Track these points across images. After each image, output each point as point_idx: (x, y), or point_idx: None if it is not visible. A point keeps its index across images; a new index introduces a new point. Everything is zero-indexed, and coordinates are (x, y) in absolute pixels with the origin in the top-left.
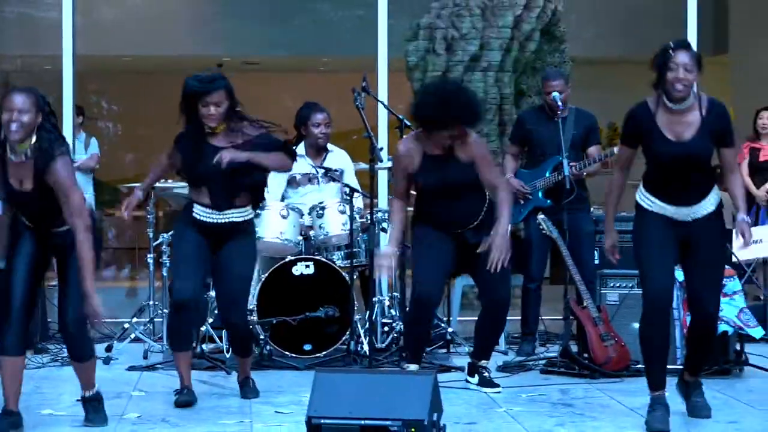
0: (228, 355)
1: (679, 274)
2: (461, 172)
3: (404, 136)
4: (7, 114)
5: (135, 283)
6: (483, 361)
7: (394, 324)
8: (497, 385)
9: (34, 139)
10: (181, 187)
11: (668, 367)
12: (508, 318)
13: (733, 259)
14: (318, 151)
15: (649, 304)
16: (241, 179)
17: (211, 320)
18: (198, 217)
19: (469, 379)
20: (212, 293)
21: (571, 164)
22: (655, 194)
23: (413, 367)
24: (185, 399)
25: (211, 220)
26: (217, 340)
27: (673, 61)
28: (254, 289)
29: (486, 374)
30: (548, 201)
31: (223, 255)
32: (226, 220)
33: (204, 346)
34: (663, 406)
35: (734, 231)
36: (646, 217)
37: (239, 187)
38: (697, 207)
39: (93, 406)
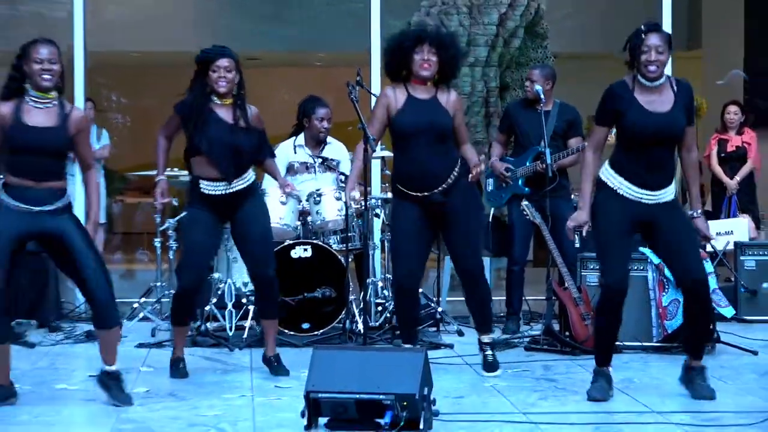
0: (231, 334)
1: (655, 257)
2: (442, 116)
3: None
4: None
5: (143, 265)
6: (484, 336)
7: (386, 304)
8: (497, 368)
9: None
10: (185, 175)
11: (644, 344)
12: (495, 298)
13: (707, 247)
14: (317, 143)
15: (605, 293)
16: (251, 156)
17: (214, 300)
18: (206, 191)
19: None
20: (215, 275)
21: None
22: (625, 175)
23: (408, 346)
24: (180, 371)
25: (220, 193)
26: (221, 318)
27: (645, 43)
28: None
29: (488, 354)
30: (526, 189)
31: (242, 220)
32: (235, 190)
33: (208, 325)
34: (604, 378)
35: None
36: (608, 200)
37: (248, 163)
38: (660, 193)
39: (116, 385)
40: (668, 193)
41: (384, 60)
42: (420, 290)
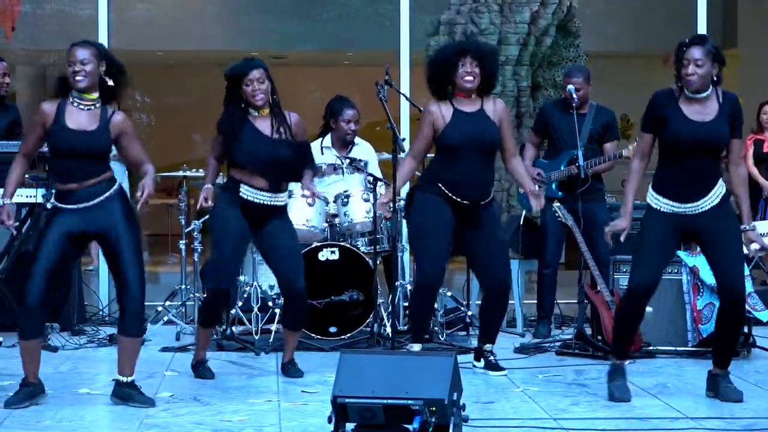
0: (257, 337)
1: (690, 260)
2: (490, 129)
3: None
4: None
5: (167, 267)
6: (488, 345)
7: None
8: (502, 369)
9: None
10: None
11: (677, 349)
12: (525, 302)
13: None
14: (344, 144)
15: (627, 295)
16: (294, 168)
17: (240, 303)
18: (246, 197)
19: (475, 363)
20: (241, 278)
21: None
22: (665, 193)
23: (416, 347)
24: (205, 371)
25: (261, 202)
26: (246, 322)
27: (685, 56)
28: None
29: (491, 358)
30: (560, 193)
31: (273, 233)
32: (275, 203)
33: (234, 328)
34: (623, 375)
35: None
36: (652, 217)
37: (292, 175)
38: (704, 200)
39: (133, 391)
40: (712, 199)
41: (427, 75)
42: (450, 293)
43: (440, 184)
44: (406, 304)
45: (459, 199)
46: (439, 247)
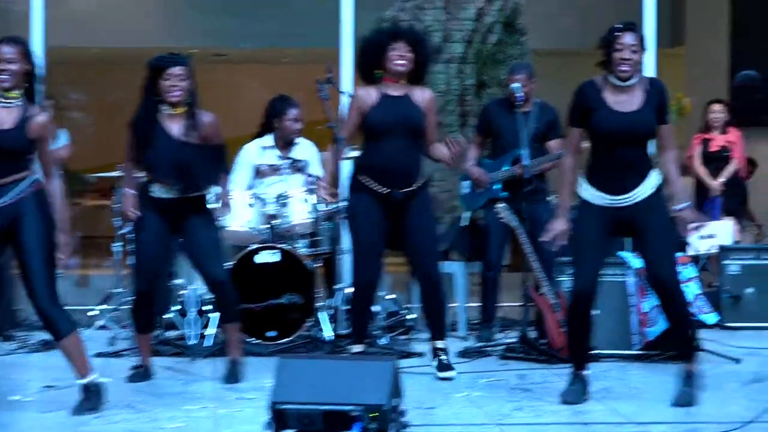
0: (193, 342)
1: (635, 261)
2: (415, 113)
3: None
4: None
5: (101, 271)
6: (438, 342)
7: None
8: (452, 369)
9: None
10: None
11: (623, 353)
12: (469, 305)
13: (688, 251)
14: (287, 144)
15: (572, 298)
16: (201, 175)
17: (176, 307)
18: (157, 196)
19: (433, 363)
20: (177, 281)
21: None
22: (598, 185)
23: (357, 348)
24: (140, 377)
25: (173, 196)
26: (181, 326)
27: (619, 41)
28: None
29: (443, 357)
30: (504, 193)
31: (192, 231)
32: (188, 196)
33: (168, 333)
34: (581, 382)
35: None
36: (586, 212)
37: (198, 182)
38: (636, 192)
39: (91, 393)
40: (644, 190)
41: (358, 58)
42: (392, 296)
43: (360, 176)
44: (346, 307)
45: (385, 190)
46: (373, 247)
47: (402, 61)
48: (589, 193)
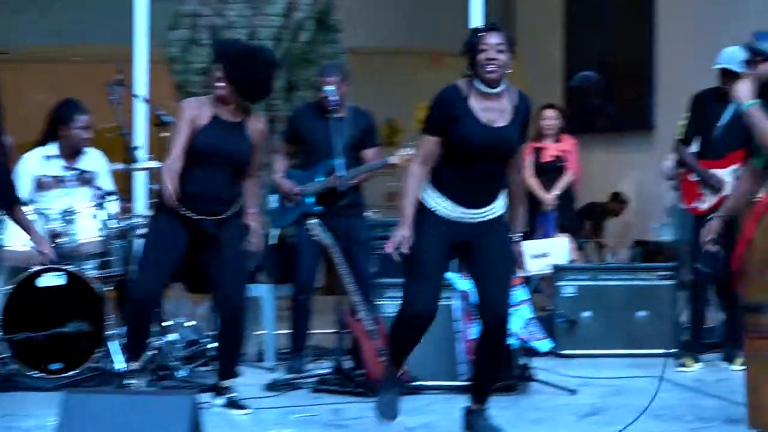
0: None
1: (461, 284)
2: (244, 146)
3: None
4: None
5: None
6: (226, 381)
7: (153, 341)
8: (245, 407)
9: None
10: None
11: (449, 384)
12: (277, 332)
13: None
14: (73, 153)
15: (409, 317)
16: None
17: None
18: None
19: (215, 401)
20: None
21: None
22: (447, 194)
23: (135, 365)
24: None
25: None
26: None
27: (483, 42)
28: None
29: (233, 395)
30: (319, 207)
31: None
32: None
33: None
34: (397, 388)
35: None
36: (427, 222)
37: None
38: (487, 209)
39: None
40: (495, 210)
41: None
42: (193, 323)
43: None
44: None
45: (193, 215)
46: (159, 266)
47: (220, 84)
48: (437, 203)
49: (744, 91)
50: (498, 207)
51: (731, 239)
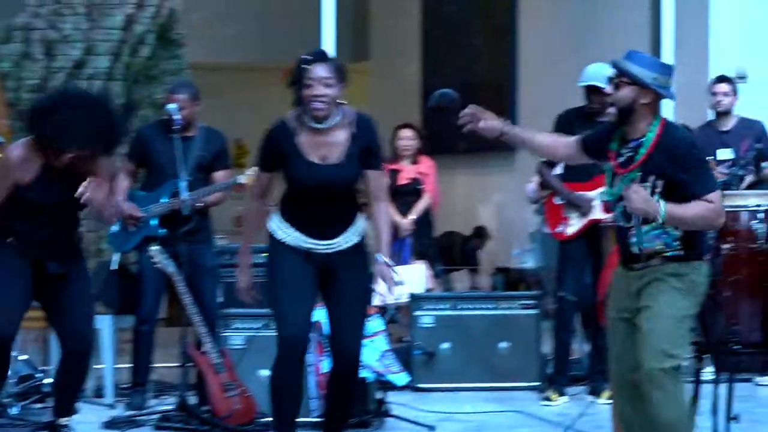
0: None
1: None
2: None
3: (20, 141)
4: None
5: None
6: (63, 419)
7: None
8: None
9: None
10: None
11: (300, 420)
12: (117, 366)
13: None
14: None
15: (284, 349)
16: None
17: None
18: None
19: None
20: None
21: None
22: (294, 224)
23: None
24: None
25: None
26: None
27: (308, 76)
28: None
29: None
30: (163, 230)
31: None
32: None
33: None
34: None
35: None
36: (281, 250)
37: None
38: (337, 240)
39: None
40: (348, 239)
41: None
42: (24, 357)
43: (13, 240)
44: None
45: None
46: (8, 299)
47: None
48: (287, 233)
49: None
50: (352, 235)
51: (597, 267)
